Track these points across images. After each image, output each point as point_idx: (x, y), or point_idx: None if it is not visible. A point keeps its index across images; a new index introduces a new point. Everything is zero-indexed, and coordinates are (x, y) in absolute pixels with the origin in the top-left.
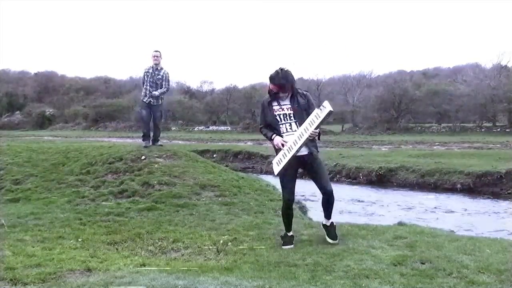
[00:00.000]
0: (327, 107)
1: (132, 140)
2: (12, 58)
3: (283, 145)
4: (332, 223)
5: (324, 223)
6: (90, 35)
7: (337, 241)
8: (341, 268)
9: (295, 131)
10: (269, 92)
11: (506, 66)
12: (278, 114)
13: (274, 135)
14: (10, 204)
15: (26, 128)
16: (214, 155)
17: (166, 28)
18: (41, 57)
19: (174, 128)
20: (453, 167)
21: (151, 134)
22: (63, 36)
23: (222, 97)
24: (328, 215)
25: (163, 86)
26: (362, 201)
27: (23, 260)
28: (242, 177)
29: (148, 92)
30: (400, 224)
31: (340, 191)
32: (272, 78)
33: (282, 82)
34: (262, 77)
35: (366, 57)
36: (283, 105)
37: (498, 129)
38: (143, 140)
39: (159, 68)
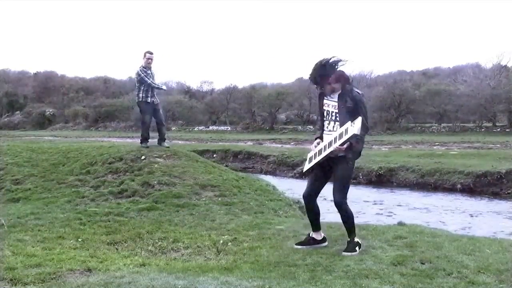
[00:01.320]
0: (355, 127)
1: (132, 140)
2: (12, 58)
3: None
4: (352, 239)
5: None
6: (90, 35)
7: (355, 253)
8: (341, 268)
9: (331, 131)
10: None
11: (506, 66)
12: (326, 109)
13: (318, 138)
14: (10, 204)
15: (26, 128)
16: (214, 155)
17: (166, 28)
18: (41, 57)
19: (174, 128)
20: (453, 167)
21: (149, 134)
22: (63, 36)
23: (222, 97)
24: (349, 232)
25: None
26: (362, 201)
27: (23, 260)
28: (242, 177)
29: (150, 93)
30: (400, 224)
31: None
32: (309, 76)
33: (314, 76)
34: (262, 77)
35: (366, 57)
36: (331, 101)
37: (498, 129)
38: (141, 142)
39: (150, 67)
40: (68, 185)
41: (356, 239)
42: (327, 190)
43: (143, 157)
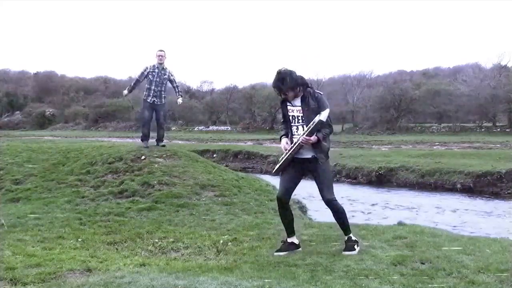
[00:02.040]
0: (322, 115)
1: (132, 140)
2: (12, 58)
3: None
4: (349, 237)
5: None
6: (90, 35)
7: (354, 251)
8: (341, 268)
9: (300, 134)
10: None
11: (506, 66)
12: (290, 115)
13: (283, 136)
14: (10, 204)
15: (26, 128)
16: (214, 155)
17: (166, 28)
18: (41, 57)
19: (174, 128)
20: (453, 167)
21: (150, 134)
22: (63, 36)
23: (222, 97)
24: (343, 229)
25: (174, 87)
26: (362, 201)
27: (23, 260)
28: (242, 177)
29: (153, 92)
30: (400, 224)
31: (340, 191)
32: (272, 85)
33: (277, 85)
34: (262, 77)
35: (366, 57)
36: (294, 106)
37: (498, 129)
38: (142, 141)
39: (164, 67)
40: (68, 185)
41: (353, 237)
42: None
43: (143, 157)
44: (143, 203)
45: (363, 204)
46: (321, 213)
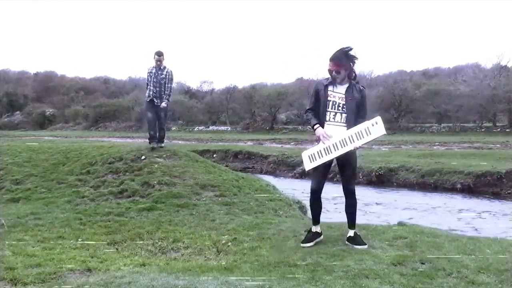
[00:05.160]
0: (380, 126)
1: (132, 140)
2: (12, 58)
3: (319, 139)
4: (356, 232)
5: (348, 235)
6: (90, 35)
7: (365, 246)
8: (341, 268)
9: (338, 122)
10: (329, 73)
11: (506, 66)
12: (331, 100)
13: (318, 124)
14: (10, 204)
15: (26, 128)
16: (214, 155)
17: (166, 28)
18: (41, 57)
19: (174, 128)
20: (453, 167)
21: (156, 132)
22: (62, 36)
23: (222, 97)
24: (352, 222)
25: (166, 87)
26: (362, 201)
27: (23, 260)
28: (242, 177)
29: (151, 93)
30: (400, 224)
31: (339, 191)
32: (332, 56)
33: (340, 57)
34: (262, 77)
35: (366, 57)
36: (337, 92)
37: (498, 129)
38: (149, 142)
39: (162, 67)
40: (68, 185)
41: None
42: (328, 191)
43: (143, 157)
44: (143, 203)
45: (363, 204)
46: (321, 213)
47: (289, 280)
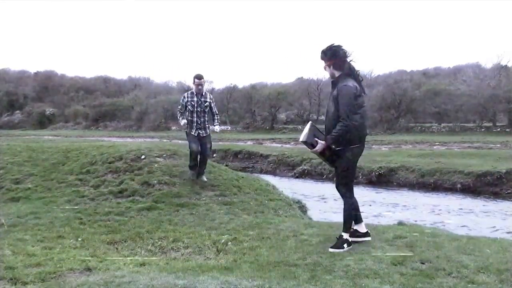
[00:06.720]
0: (302, 133)
1: (132, 140)
2: (12, 57)
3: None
4: (340, 236)
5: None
6: (90, 34)
7: (341, 250)
8: (341, 268)
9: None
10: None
11: (506, 66)
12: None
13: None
14: (10, 204)
15: (26, 127)
16: (214, 155)
17: (166, 27)
18: (41, 57)
19: (174, 128)
20: (453, 167)
21: (197, 163)
22: (63, 35)
23: (222, 97)
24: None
25: (213, 113)
26: (362, 201)
27: (23, 260)
28: (242, 177)
29: (196, 125)
30: (400, 224)
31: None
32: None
33: (321, 55)
34: (262, 77)
35: (366, 57)
36: (330, 92)
37: (498, 129)
38: (190, 170)
39: (203, 93)
40: (68, 185)
41: (345, 236)
42: (328, 191)
43: (143, 157)
44: (143, 203)
45: (363, 204)
46: (321, 213)
47: (289, 280)
